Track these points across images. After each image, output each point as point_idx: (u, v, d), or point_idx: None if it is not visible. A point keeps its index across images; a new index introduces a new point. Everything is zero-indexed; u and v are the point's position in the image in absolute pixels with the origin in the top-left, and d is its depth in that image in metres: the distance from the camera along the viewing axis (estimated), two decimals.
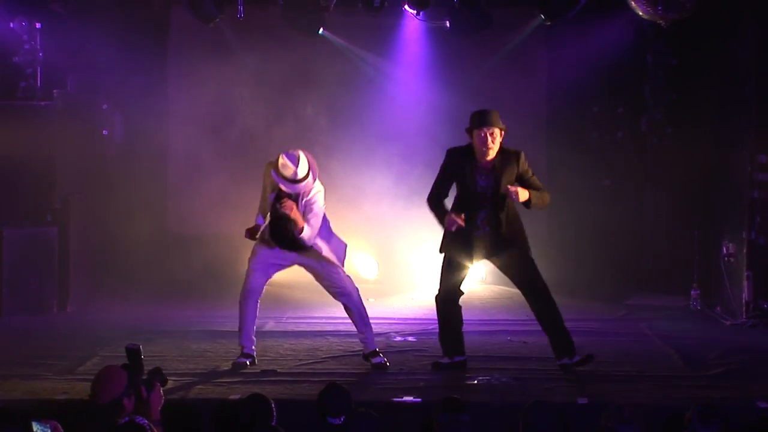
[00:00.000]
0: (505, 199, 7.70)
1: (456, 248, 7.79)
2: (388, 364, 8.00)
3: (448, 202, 7.91)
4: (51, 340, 9.00)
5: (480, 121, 7.65)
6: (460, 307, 7.95)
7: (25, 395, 7.02)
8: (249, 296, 8.04)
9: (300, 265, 8.12)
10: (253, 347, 8.07)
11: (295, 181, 7.71)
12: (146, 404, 5.32)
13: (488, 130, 7.61)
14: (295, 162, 7.68)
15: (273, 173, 7.76)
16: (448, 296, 7.91)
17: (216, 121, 12.23)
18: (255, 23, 11.64)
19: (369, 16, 11.17)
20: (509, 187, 7.61)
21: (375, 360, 8.01)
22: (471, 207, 7.71)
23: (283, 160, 7.70)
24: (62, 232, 10.72)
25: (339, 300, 8.17)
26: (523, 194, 7.62)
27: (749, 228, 10.13)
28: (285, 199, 7.75)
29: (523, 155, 7.77)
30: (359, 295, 8.16)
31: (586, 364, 7.75)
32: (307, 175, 7.73)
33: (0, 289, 10.31)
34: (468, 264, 7.86)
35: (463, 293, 7.97)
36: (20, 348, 8.66)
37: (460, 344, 7.95)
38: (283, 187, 7.76)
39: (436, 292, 7.98)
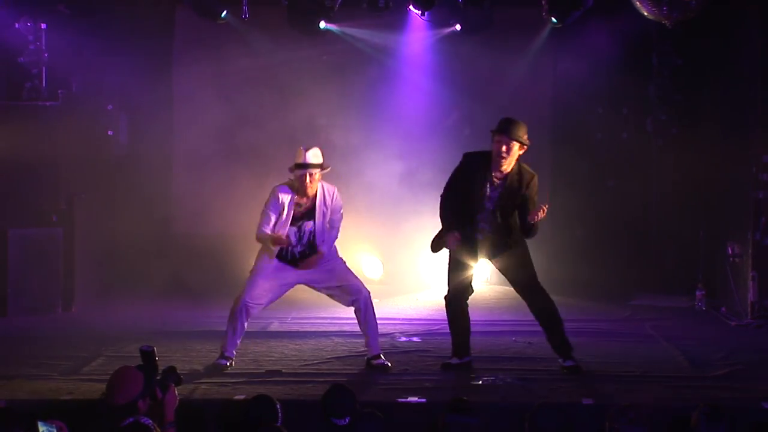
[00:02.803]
0: (506, 212, 7.69)
1: (459, 248, 7.79)
2: (389, 364, 7.97)
3: None
4: (56, 341, 9.00)
5: (501, 128, 7.62)
6: (467, 306, 7.97)
7: (30, 395, 7.02)
8: (247, 310, 8.03)
9: (307, 278, 8.06)
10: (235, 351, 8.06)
11: (307, 165, 7.78)
12: (161, 405, 5.32)
13: (506, 141, 7.58)
14: (307, 149, 7.82)
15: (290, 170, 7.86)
16: (457, 295, 7.92)
17: (221, 121, 12.23)
18: (260, 23, 11.64)
19: (374, 16, 11.18)
20: (542, 208, 7.48)
21: (376, 362, 7.98)
22: (474, 212, 7.72)
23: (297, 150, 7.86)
24: (67, 232, 10.72)
25: (351, 303, 8.08)
26: (539, 216, 7.54)
27: (754, 228, 10.13)
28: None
29: (535, 179, 7.74)
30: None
31: (574, 373, 7.73)
32: (322, 164, 7.84)
33: (5, 289, 10.31)
34: (472, 262, 7.87)
35: (472, 291, 7.99)
36: (25, 348, 8.66)
37: (468, 344, 7.97)
38: (297, 172, 7.79)
39: (445, 293, 7.99)
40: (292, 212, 7.87)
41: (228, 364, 7.94)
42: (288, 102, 12.04)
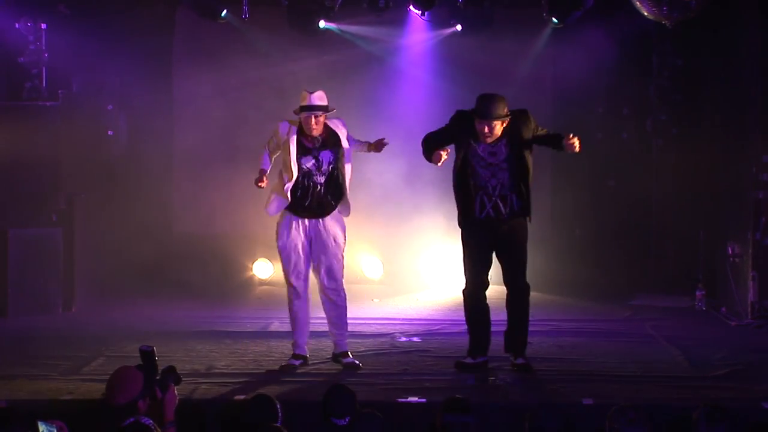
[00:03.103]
0: (519, 158, 7.58)
1: (471, 235, 7.73)
2: (360, 365, 7.95)
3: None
4: (56, 341, 9.00)
5: (481, 113, 7.55)
6: (486, 303, 7.89)
7: (30, 395, 7.02)
8: (299, 296, 8.01)
9: (313, 238, 7.96)
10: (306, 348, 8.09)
11: (312, 107, 7.82)
12: (161, 405, 5.32)
13: (487, 123, 7.54)
14: (312, 92, 7.87)
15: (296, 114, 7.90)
16: (475, 288, 7.81)
17: (221, 120, 12.25)
18: (260, 23, 11.65)
19: (374, 16, 11.19)
20: (573, 140, 7.45)
21: (346, 360, 8.00)
22: (480, 176, 7.64)
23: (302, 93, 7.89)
24: (67, 232, 10.72)
25: (325, 289, 8.02)
26: (575, 140, 7.49)
27: (754, 228, 10.12)
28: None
29: (528, 113, 7.68)
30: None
31: (525, 371, 7.71)
32: (327, 106, 7.89)
33: (5, 289, 10.31)
34: (485, 249, 7.77)
35: (488, 284, 7.88)
36: (25, 348, 8.66)
37: (486, 344, 7.90)
38: (302, 115, 7.82)
39: (463, 286, 7.90)
40: (296, 147, 7.85)
41: (300, 363, 7.94)
42: (288, 101, 11.96)
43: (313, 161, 7.92)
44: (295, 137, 7.87)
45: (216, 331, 9.45)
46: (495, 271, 8.00)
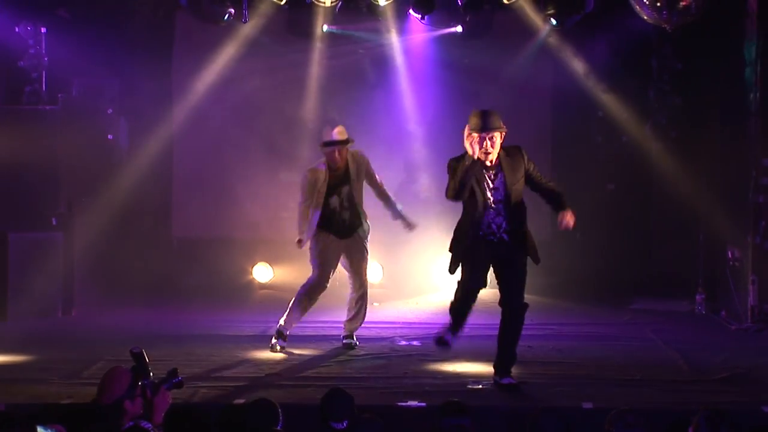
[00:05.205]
0: (515, 193, 7.55)
1: (473, 250, 7.64)
2: (355, 344, 8.81)
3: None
4: (56, 345, 9.01)
5: (480, 126, 7.49)
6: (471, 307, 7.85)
7: (29, 399, 7.03)
8: (317, 291, 8.78)
9: (346, 252, 8.78)
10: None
11: (334, 142, 8.54)
12: (150, 406, 5.31)
13: (488, 135, 7.49)
14: (334, 125, 8.61)
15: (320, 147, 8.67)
16: (469, 291, 7.75)
17: (221, 124, 12.24)
18: (260, 27, 11.65)
19: (374, 19, 11.20)
20: (566, 220, 7.62)
21: (346, 340, 8.75)
22: (480, 212, 7.57)
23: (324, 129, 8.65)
24: (67, 236, 10.73)
25: (354, 293, 8.84)
26: (572, 220, 7.64)
27: (754, 232, 10.13)
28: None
29: (524, 150, 7.66)
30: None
31: (510, 390, 7.57)
32: (347, 139, 8.63)
33: (5, 293, 10.32)
34: (486, 264, 7.74)
35: (485, 285, 7.83)
36: (25, 352, 8.66)
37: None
38: (325, 149, 8.52)
39: (462, 281, 7.77)
40: (326, 183, 8.62)
41: (285, 345, 8.69)
42: (288, 105, 12.04)
43: (338, 199, 8.67)
44: (326, 182, 8.62)
45: (216, 335, 9.46)
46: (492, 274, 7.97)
